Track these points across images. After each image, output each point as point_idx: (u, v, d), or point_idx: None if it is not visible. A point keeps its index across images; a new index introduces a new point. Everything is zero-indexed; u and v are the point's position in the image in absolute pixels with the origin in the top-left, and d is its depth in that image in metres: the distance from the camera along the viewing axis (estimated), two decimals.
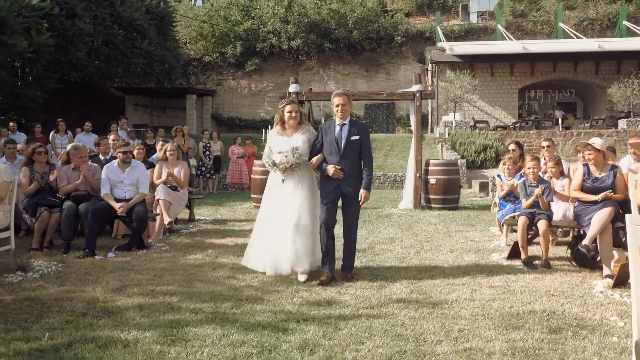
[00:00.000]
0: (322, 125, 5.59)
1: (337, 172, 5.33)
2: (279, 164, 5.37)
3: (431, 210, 11.08)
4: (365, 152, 5.46)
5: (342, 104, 5.42)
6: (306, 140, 5.52)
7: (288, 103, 5.62)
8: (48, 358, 3.51)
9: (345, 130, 5.43)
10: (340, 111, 5.42)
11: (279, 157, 5.38)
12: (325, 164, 5.44)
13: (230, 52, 32.02)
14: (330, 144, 5.44)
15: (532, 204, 6.25)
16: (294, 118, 5.52)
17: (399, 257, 6.56)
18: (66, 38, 19.75)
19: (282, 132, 5.61)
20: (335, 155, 5.40)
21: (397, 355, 3.51)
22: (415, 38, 32.97)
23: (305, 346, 3.66)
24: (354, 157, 5.43)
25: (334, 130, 5.46)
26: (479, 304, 4.60)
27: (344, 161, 5.37)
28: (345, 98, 5.44)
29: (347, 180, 5.37)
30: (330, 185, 5.42)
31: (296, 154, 5.35)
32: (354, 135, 5.40)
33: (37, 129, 13.71)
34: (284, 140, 5.52)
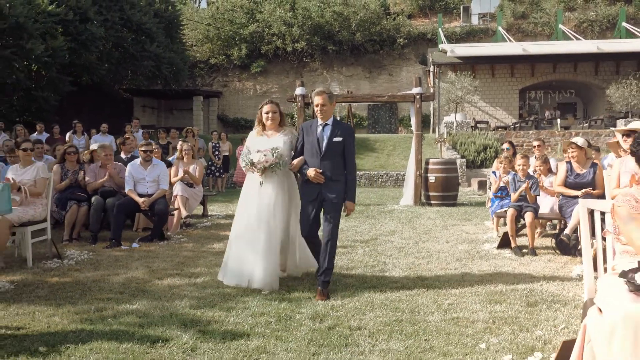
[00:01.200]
0: (303, 125, 5.23)
1: (318, 175, 4.92)
2: (257, 164, 5.04)
3: (430, 206, 11.68)
4: (349, 156, 5.02)
5: (322, 104, 5.00)
6: (287, 141, 5.22)
7: (266, 103, 5.31)
8: (97, 326, 4.13)
9: (328, 130, 5.02)
10: (320, 112, 5.02)
11: (257, 156, 5.05)
12: (306, 166, 5.04)
13: (235, 55, 32.65)
14: (311, 144, 5.04)
15: (520, 197, 6.85)
16: (272, 119, 5.22)
17: (398, 247, 7.17)
18: (79, 42, 20.44)
19: (262, 133, 5.32)
20: (316, 157, 4.99)
21: (395, 322, 4.12)
22: (417, 40, 33.53)
23: (316, 316, 4.28)
24: (337, 160, 4.98)
25: (315, 130, 5.06)
26: (468, 284, 5.22)
27: (326, 164, 4.95)
28: (325, 97, 5.01)
29: (329, 184, 4.96)
30: (311, 191, 5.03)
31: (276, 154, 5.03)
32: (337, 136, 4.98)
33: (55, 129, 14.37)
34: (263, 141, 5.22)
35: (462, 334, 3.88)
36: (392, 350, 3.59)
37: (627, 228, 2.76)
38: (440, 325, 4.06)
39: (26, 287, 5.33)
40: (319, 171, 4.94)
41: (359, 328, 4.02)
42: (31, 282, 5.50)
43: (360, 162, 19.50)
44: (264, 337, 3.83)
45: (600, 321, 2.57)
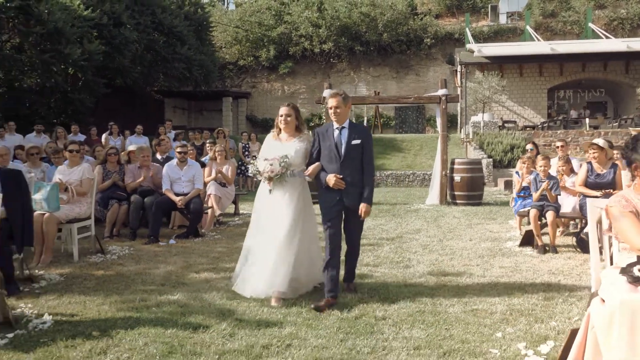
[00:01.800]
0: (318, 130, 4.96)
1: (339, 181, 4.70)
2: (262, 172, 4.82)
3: (456, 205, 11.88)
4: (367, 159, 4.82)
5: (336, 106, 4.78)
6: (302, 148, 4.94)
7: (283, 105, 5.06)
8: (143, 314, 4.51)
9: (345, 134, 4.78)
10: (334, 114, 4.79)
11: (263, 165, 4.81)
12: (324, 173, 4.80)
13: (264, 56, 33.12)
14: (328, 150, 4.80)
15: (542, 197, 7.06)
16: (286, 123, 4.95)
17: (423, 244, 7.44)
18: (113, 46, 21.09)
19: (276, 138, 5.06)
20: (335, 162, 4.75)
21: (417, 313, 4.42)
22: (444, 40, 33.57)
23: (345, 306, 4.60)
24: (356, 165, 4.78)
25: (332, 134, 4.80)
26: (488, 279, 5.48)
27: (345, 169, 4.73)
28: (339, 99, 4.78)
29: (350, 190, 4.75)
30: (331, 198, 4.79)
31: (283, 164, 4.75)
32: (355, 139, 4.76)
33: (92, 131, 14.93)
34: (276, 146, 4.97)
35: (480, 324, 4.15)
36: (414, 337, 3.89)
37: (618, 225, 3.01)
38: (459, 316, 4.34)
39: (75, 279, 5.76)
40: (339, 177, 4.71)
41: (384, 318, 4.32)
42: (79, 275, 5.93)
43: (387, 162, 19.75)
44: (295, 325, 4.16)
45: (601, 310, 2.83)
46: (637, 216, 2.96)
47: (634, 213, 2.96)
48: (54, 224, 6.46)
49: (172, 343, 3.82)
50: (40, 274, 5.94)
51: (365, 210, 4.77)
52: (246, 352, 3.65)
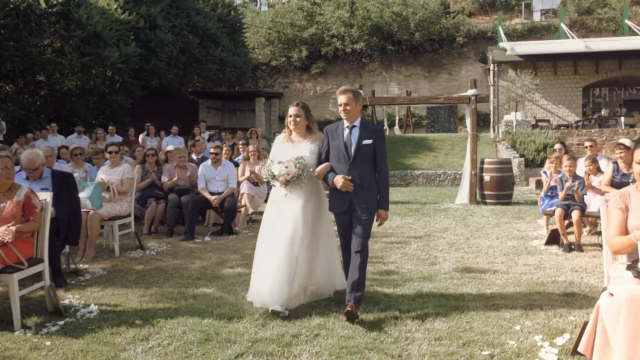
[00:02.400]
0: (328, 128, 4.72)
1: (347, 183, 4.46)
2: (277, 176, 4.56)
3: (485, 205, 11.96)
4: (381, 161, 4.55)
5: (346, 104, 4.51)
6: (315, 149, 4.70)
7: (292, 105, 4.81)
8: (181, 305, 4.82)
9: (356, 133, 4.55)
10: (344, 112, 4.54)
11: (278, 168, 4.55)
12: (333, 174, 4.58)
13: (296, 57, 33.46)
14: (337, 149, 4.57)
15: (568, 196, 7.16)
16: (295, 123, 4.70)
17: (450, 243, 7.61)
18: (149, 48, 21.67)
19: (287, 139, 4.82)
20: (343, 163, 4.53)
21: (440, 307, 4.62)
22: (477, 38, 33.40)
23: (371, 301, 4.82)
24: (367, 166, 4.53)
25: (342, 133, 4.58)
26: (511, 276, 5.64)
27: (355, 170, 4.49)
28: (350, 96, 4.52)
29: (359, 193, 4.50)
30: (340, 202, 4.58)
31: (298, 165, 4.50)
32: (366, 139, 4.51)
33: (130, 132, 15.45)
34: (288, 148, 4.73)
35: (500, 317, 4.34)
36: (435, 329, 4.10)
37: (607, 220, 3.18)
38: (481, 310, 4.53)
39: (116, 272, 6.12)
40: (348, 178, 4.47)
41: (408, 311, 4.53)
42: (120, 269, 6.29)
43: (419, 162, 19.84)
44: (323, 317, 4.40)
45: (610, 302, 3.01)
46: (624, 212, 3.12)
47: (622, 210, 3.12)
48: (97, 221, 6.84)
49: (209, 331, 4.10)
50: (84, 267, 6.32)
51: (382, 216, 4.59)
52: (277, 340, 3.92)
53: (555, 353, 3.61)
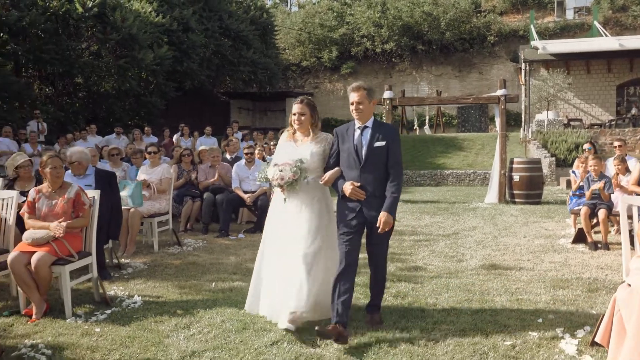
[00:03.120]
0: (338, 130, 4.33)
1: (356, 191, 4.06)
2: (272, 180, 4.28)
3: (515, 204, 12.02)
4: (393, 163, 4.11)
5: (358, 102, 4.14)
6: (318, 152, 4.32)
7: (297, 102, 4.44)
8: (218, 297, 5.11)
9: (367, 134, 4.14)
10: (356, 111, 4.16)
11: (272, 171, 4.25)
12: (342, 180, 4.18)
13: (326, 57, 33.73)
14: (347, 153, 4.17)
15: (595, 196, 7.25)
16: (300, 122, 4.34)
17: (477, 241, 7.75)
18: (182, 50, 22.17)
19: (291, 138, 4.48)
20: (354, 168, 4.12)
21: (466, 301, 4.81)
22: (508, 37, 33.18)
23: (399, 295, 5.04)
24: (380, 171, 4.10)
25: (352, 135, 4.19)
26: (537, 273, 5.79)
27: (367, 176, 4.08)
28: (362, 94, 4.13)
29: (371, 201, 4.08)
30: (348, 210, 4.13)
31: (295, 169, 4.15)
32: (379, 140, 4.10)
33: (165, 133, 15.90)
34: (290, 148, 4.40)
35: (524, 311, 4.51)
36: (460, 321, 4.29)
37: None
38: (505, 305, 4.70)
39: (156, 267, 6.45)
40: (357, 185, 4.07)
41: (435, 305, 4.74)
42: (159, 264, 6.62)
43: (449, 161, 19.88)
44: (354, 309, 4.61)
45: (627, 292, 3.17)
46: None
47: None
48: (138, 218, 7.19)
49: (245, 321, 4.38)
50: (126, 262, 6.67)
51: (384, 220, 3.97)
52: (309, 330, 4.15)
53: (575, 344, 3.77)
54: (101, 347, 3.96)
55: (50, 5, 16.41)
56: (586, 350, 3.69)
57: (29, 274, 4.57)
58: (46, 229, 4.71)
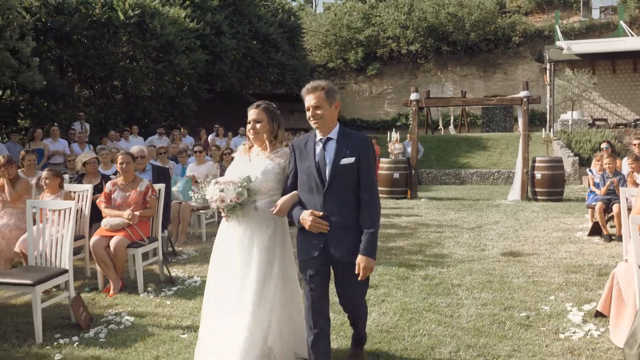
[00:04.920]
0: (295, 142, 3.43)
1: (318, 223, 3.16)
2: (210, 202, 3.42)
3: (537, 201, 12.53)
4: (367, 183, 3.19)
5: (315, 106, 3.20)
6: (274, 170, 3.45)
7: (253, 107, 3.59)
8: None
9: (332, 149, 3.22)
10: (313, 118, 3.23)
11: (212, 191, 3.40)
12: (299, 208, 3.26)
13: (352, 58, 34.35)
14: (307, 174, 3.24)
15: (610, 192, 7.79)
16: (255, 132, 3.52)
17: (499, 233, 8.33)
18: (214, 54, 22.99)
19: (246, 152, 3.64)
20: (315, 193, 3.20)
21: (487, 282, 5.43)
22: (533, 37, 33.40)
23: (427, 277, 5.68)
24: (348, 195, 3.18)
25: (312, 150, 3.25)
26: (552, 260, 6.38)
27: (331, 202, 3.17)
28: (320, 96, 3.19)
29: (338, 235, 3.18)
30: (311, 247, 3.24)
31: (240, 190, 3.31)
32: (346, 156, 3.17)
33: (202, 134, 16.69)
34: (242, 164, 3.57)
35: (539, 291, 5.12)
36: (482, 298, 4.92)
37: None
38: (522, 285, 5.32)
39: (207, 254, 7.12)
40: (318, 214, 3.15)
41: (459, 285, 5.37)
42: (209, 251, 7.31)
43: (473, 161, 20.39)
44: (388, 288, 5.30)
45: (625, 267, 3.78)
46: None
47: None
48: (188, 211, 7.94)
49: None
50: (179, 249, 7.42)
51: (364, 266, 3.12)
52: None
53: (581, 315, 4.38)
54: (174, 316, 4.69)
55: (93, 12, 17.33)
56: (591, 320, 4.30)
57: (107, 255, 5.33)
58: (120, 217, 5.45)
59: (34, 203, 4.80)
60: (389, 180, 13.36)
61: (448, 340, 3.97)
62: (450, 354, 3.74)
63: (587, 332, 4.06)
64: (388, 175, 13.38)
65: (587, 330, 4.10)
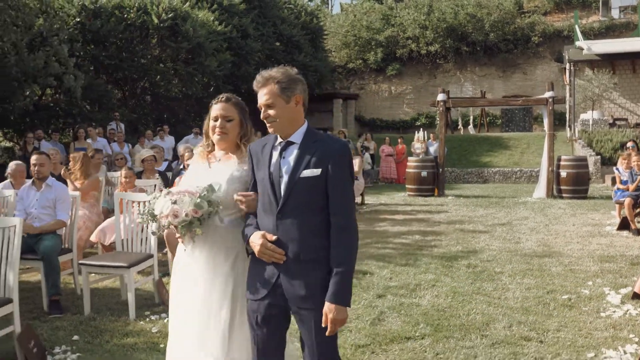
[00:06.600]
0: (252, 146, 2.66)
1: (269, 250, 2.37)
2: (159, 218, 2.65)
3: (562, 199, 12.89)
4: (337, 205, 2.38)
5: (267, 104, 2.52)
6: (242, 178, 2.69)
7: (221, 100, 2.92)
8: None
9: (291, 156, 2.45)
10: (265, 119, 2.53)
11: (161, 204, 2.64)
12: (252, 229, 2.49)
13: (372, 59, 34.77)
14: (262, 187, 2.49)
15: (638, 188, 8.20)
16: (223, 131, 2.80)
17: (531, 227, 8.76)
18: (240, 56, 23.57)
19: (205, 158, 2.88)
20: (269, 212, 2.44)
21: (527, 270, 5.89)
22: (552, 37, 33.59)
23: (469, 265, 6.15)
24: (310, 218, 2.39)
25: (268, 156, 2.50)
26: (586, 252, 6.81)
27: (287, 226, 2.39)
28: (273, 90, 2.53)
29: (294, 270, 2.39)
30: (260, 282, 2.47)
31: (199, 202, 2.58)
32: (310, 166, 2.39)
33: None
34: (201, 172, 2.82)
35: (576, 277, 5.57)
36: (524, 282, 5.39)
37: None
38: (560, 273, 5.77)
39: None
40: (271, 238, 2.39)
41: (501, 272, 5.84)
42: None
43: (494, 160, 20.77)
44: (435, 274, 5.78)
45: None
46: None
47: None
48: None
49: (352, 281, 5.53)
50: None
51: (333, 317, 2.31)
52: (404, 287, 5.31)
53: (619, 297, 4.83)
54: None
55: (128, 16, 17.97)
56: (628, 301, 4.74)
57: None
58: None
59: (121, 195, 5.31)
60: (417, 178, 13.80)
61: (500, 317, 4.44)
62: (504, 329, 4.20)
63: (626, 311, 4.51)
64: (416, 173, 13.82)
65: (626, 310, 4.54)
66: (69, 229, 5.44)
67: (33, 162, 5.35)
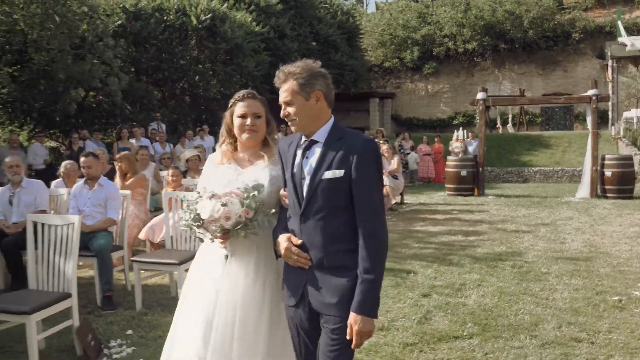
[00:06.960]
0: (280, 143, 2.54)
1: (295, 254, 2.31)
2: (207, 222, 2.46)
3: (606, 199, 12.62)
4: (364, 208, 2.23)
5: (287, 102, 2.35)
6: (278, 176, 2.56)
7: (242, 98, 2.69)
8: None
9: (314, 157, 2.33)
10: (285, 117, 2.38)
11: (210, 207, 2.44)
12: (279, 230, 2.43)
13: (408, 57, 34.59)
14: (288, 187, 2.42)
15: None
16: (253, 129, 2.65)
17: (575, 228, 8.62)
18: (277, 56, 23.72)
19: (229, 159, 2.71)
20: (294, 214, 2.37)
21: (574, 271, 5.82)
22: (594, 33, 32.84)
23: (515, 265, 6.12)
24: (334, 222, 2.27)
25: (292, 156, 2.40)
26: (634, 252, 6.69)
27: (310, 230, 2.29)
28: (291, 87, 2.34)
29: (319, 278, 2.29)
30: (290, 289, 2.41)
31: (248, 201, 2.45)
32: (332, 167, 2.26)
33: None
34: (231, 174, 2.64)
35: (626, 278, 5.48)
36: (573, 283, 5.32)
37: None
38: (609, 274, 5.68)
39: None
40: (296, 241, 2.32)
41: (548, 273, 5.77)
42: None
43: (535, 159, 20.44)
44: (480, 274, 5.75)
45: None
46: None
47: None
48: None
49: (397, 280, 5.57)
50: None
51: (358, 329, 2.18)
52: (449, 287, 5.30)
53: None
54: None
55: (168, 18, 18.30)
56: None
57: None
58: None
59: (170, 194, 5.44)
60: (456, 177, 13.69)
61: (549, 318, 4.40)
62: (554, 329, 4.17)
63: None
64: (455, 172, 13.71)
65: None
66: (120, 227, 5.59)
67: (82, 164, 5.52)
